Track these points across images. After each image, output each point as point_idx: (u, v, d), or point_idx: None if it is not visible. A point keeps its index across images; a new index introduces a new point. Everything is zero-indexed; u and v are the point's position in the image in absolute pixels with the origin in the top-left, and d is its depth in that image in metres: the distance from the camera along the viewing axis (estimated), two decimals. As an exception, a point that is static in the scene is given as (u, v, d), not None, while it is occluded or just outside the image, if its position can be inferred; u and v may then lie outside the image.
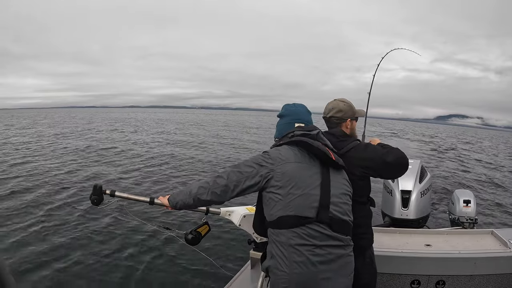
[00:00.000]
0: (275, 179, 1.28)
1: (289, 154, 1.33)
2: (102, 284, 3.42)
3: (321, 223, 1.25)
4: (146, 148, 14.12)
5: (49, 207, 5.62)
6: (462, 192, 3.41)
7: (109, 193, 1.43)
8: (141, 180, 7.99)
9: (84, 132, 21.83)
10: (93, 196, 1.40)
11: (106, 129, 25.63)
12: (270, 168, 1.29)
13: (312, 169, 1.32)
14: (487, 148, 23.30)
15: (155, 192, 7.00)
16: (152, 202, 1.44)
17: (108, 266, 3.70)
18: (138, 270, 3.64)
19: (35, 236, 4.47)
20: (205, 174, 8.82)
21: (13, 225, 4.81)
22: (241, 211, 1.65)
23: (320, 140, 1.42)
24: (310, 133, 1.42)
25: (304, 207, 1.25)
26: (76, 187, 7.01)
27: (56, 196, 6.38)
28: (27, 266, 3.62)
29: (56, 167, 9.26)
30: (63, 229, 4.71)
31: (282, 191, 1.26)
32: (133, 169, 9.35)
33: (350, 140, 1.64)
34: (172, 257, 3.89)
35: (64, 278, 3.46)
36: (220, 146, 15.22)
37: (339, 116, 1.69)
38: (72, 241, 4.32)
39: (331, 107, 1.71)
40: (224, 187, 1.30)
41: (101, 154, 12.01)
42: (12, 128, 25.03)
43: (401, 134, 34.16)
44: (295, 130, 1.44)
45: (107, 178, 8.13)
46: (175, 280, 3.47)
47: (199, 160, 11.09)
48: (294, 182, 1.27)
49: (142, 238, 4.34)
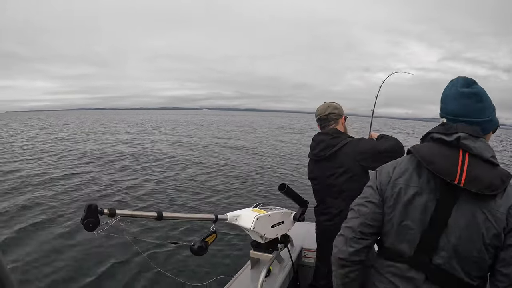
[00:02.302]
0: None
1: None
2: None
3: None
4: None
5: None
6: None
7: (108, 213, 1.17)
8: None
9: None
10: (87, 219, 1.09)
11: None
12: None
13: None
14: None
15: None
16: (161, 217, 1.28)
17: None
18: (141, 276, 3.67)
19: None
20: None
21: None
22: (250, 213, 1.58)
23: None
24: (446, 138, 0.90)
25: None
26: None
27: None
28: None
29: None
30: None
31: None
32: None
33: (344, 137, 1.72)
34: (175, 261, 3.90)
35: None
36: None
37: (336, 113, 1.80)
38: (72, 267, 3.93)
39: (327, 106, 1.82)
40: None
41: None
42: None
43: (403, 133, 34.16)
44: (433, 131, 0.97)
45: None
46: (174, 280, 3.47)
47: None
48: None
49: (146, 253, 3.96)
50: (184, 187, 8.06)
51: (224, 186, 7.93)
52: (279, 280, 1.73)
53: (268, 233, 1.60)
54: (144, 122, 40.96)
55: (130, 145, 15.88)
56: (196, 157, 12.43)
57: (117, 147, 14.90)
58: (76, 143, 16.30)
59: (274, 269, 1.81)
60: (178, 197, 7.07)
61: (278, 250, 1.73)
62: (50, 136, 20.59)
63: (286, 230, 1.77)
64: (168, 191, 7.61)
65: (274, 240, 1.71)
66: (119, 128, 29.99)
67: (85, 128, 29.97)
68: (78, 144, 15.80)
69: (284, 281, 1.77)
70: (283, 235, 1.76)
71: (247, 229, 1.55)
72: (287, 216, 1.75)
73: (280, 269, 1.82)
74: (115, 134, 22.72)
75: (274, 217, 1.63)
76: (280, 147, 16.25)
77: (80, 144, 16.02)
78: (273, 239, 1.69)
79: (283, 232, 1.74)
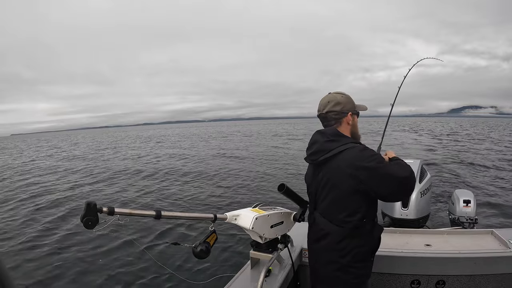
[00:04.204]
0: None
1: None
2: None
3: None
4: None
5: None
6: (462, 192, 3.41)
7: (107, 211, 1.16)
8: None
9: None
10: (86, 217, 1.10)
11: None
12: None
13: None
14: (493, 144, 22.53)
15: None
16: (159, 216, 1.28)
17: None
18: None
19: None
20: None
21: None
22: (249, 213, 1.56)
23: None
24: None
25: None
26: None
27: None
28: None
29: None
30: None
31: None
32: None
33: (344, 141, 1.35)
34: (175, 260, 3.90)
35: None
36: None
37: (337, 110, 1.42)
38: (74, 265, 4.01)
39: (327, 100, 1.45)
40: None
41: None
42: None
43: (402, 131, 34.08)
44: None
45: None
46: (174, 276, 3.46)
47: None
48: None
49: (148, 253, 4.10)
50: (184, 187, 8.08)
51: (224, 186, 7.93)
52: (279, 280, 1.73)
53: (267, 233, 1.60)
54: (149, 137, 42.02)
55: (135, 155, 15.93)
56: (197, 160, 12.47)
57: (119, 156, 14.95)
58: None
59: (274, 269, 1.81)
60: (178, 197, 7.08)
61: (278, 250, 1.73)
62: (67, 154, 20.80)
63: (286, 230, 1.76)
64: (168, 191, 7.62)
65: (274, 240, 1.71)
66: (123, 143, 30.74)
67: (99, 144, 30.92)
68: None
69: (284, 281, 1.77)
70: (283, 235, 1.75)
71: (246, 229, 1.53)
72: (287, 217, 1.74)
73: (280, 269, 1.82)
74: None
75: (273, 217, 1.63)
76: (281, 149, 16.26)
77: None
78: (273, 239, 1.68)
79: (283, 232, 1.74)
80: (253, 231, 1.52)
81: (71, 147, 28.28)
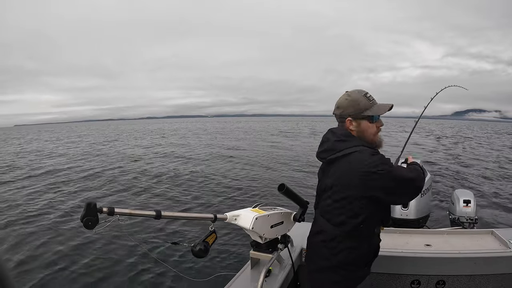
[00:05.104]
0: None
1: None
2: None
3: None
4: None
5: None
6: (462, 192, 3.41)
7: (107, 211, 1.16)
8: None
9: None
10: (86, 217, 1.09)
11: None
12: None
13: None
14: (494, 145, 22.67)
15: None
16: (159, 216, 1.28)
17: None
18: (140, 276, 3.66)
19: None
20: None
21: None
22: (249, 214, 1.56)
23: None
24: None
25: None
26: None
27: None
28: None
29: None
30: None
31: None
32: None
33: (354, 143, 1.32)
34: (174, 259, 3.90)
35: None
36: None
37: (337, 114, 1.40)
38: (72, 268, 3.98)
39: (340, 101, 1.40)
40: None
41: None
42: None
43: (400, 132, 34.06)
44: None
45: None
46: (174, 273, 3.46)
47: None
48: None
49: (147, 254, 4.01)
50: (184, 187, 8.08)
51: (224, 187, 7.94)
52: (279, 280, 1.73)
53: (267, 233, 1.60)
54: (152, 131, 42.09)
55: (137, 150, 15.95)
56: (196, 159, 12.48)
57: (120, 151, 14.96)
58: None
59: (274, 269, 1.81)
60: (178, 196, 7.08)
61: (278, 250, 1.73)
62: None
63: (286, 230, 1.76)
64: (168, 191, 7.63)
65: (274, 240, 1.71)
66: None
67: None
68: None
69: (284, 281, 1.77)
70: (283, 236, 1.75)
71: (246, 229, 1.53)
72: (287, 217, 1.74)
73: (280, 269, 1.82)
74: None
75: (273, 218, 1.63)
76: (281, 149, 16.26)
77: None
78: (273, 239, 1.68)
79: (283, 232, 1.74)
80: (253, 231, 1.52)
81: (78, 139, 28.10)
